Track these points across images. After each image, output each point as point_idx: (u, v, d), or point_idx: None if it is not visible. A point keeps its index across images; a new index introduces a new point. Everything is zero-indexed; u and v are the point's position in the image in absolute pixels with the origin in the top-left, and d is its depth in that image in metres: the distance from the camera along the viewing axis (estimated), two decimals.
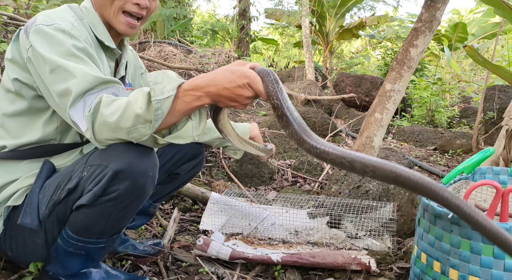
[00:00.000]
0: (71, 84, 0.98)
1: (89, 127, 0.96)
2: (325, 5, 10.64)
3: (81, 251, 1.13)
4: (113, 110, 0.93)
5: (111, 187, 1.02)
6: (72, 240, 1.10)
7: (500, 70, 2.80)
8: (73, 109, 0.98)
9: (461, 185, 1.61)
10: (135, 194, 1.05)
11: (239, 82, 0.92)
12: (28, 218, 1.08)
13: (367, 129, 2.73)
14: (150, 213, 1.59)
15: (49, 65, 1.01)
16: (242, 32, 9.54)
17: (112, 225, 1.10)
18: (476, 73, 11.17)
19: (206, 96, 0.93)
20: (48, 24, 1.05)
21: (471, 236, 1.14)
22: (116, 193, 1.02)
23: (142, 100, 0.92)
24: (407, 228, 2.00)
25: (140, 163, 1.01)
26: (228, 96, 0.93)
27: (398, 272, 1.56)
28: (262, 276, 1.54)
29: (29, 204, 1.09)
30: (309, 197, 2.20)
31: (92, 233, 1.10)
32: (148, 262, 1.55)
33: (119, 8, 1.16)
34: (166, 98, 0.91)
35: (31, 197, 1.10)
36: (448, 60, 7.44)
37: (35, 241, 1.13)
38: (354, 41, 15.16)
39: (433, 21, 2.61)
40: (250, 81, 0.92)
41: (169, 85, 0.92)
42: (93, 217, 1.06)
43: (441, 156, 4.31)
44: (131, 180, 1.02)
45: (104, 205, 1.04)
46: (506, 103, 4.43)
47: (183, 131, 0.97)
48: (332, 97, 6.40)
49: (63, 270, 1.17)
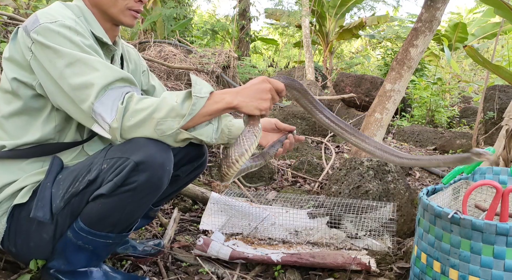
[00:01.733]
0: (93, 77, 1.02)
1: (119, 118, 1.01)
2: (325, 5, 10.65)
3: (89, 246, 1.14)
4: (147, 104, 1.02)
5: (132, 177, 1.05)
6: (83, 232, 1.12)
7: (500, 70, 2.80)
8: (99, 101, 1.01)
9: (461, 185, 1.61)
10: (153, 186, 1.09)
11: (258, 81, 1.11)
12: (40, 211, 1.09)
13: (367, 129, 2.73)
14: (151, 216, 1.59)
15: (67, 59, 1.03)
16: (242, 32, 9.54)
17: (125, 218, 1.13)
18: (476, 73, 11.17)
19: (233, 97, 1.07)
20: (51, 21, 1.06)
21: (471, 236, 1.14)
22: (135, 184, 1.06)
23: (180, 95, 1.04)
24: (407, 228, 2.00)
25: (159, 156, 1.06)
26: (253, 95, 1.09)
27: (398, 272, 1.56)
28: (262, 276, 1.54)
29: (41, 198, 1.10)
30: (309, 197, 2.20)
31: (105, 225, 1.12)
32: (148, 262, 1.55)
33: (125, 6, 1.21)
34: (202, 97, 1.04)
35: (43, 192, 1.11)
36: (448, 60, 7.44)
37: (42, 237, 1.14)
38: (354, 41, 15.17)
39: (433, 21, 2.61)
40: (267, 78, 1.12)
41: (206, 89, 1.06)
42: (109, 207, 1.09)
43: None
44: (150, 172, 1.06)
45: (122, 195, 1.07)
46: (506, 103, 4.43)
47: (204, 130, 1.09)
48: (332, 97, 6.40)
49: (67, 265, 1.17)
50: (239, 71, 6.46)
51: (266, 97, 1.10)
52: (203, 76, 4.62)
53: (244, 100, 1.08)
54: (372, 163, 2.18)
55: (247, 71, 7.19)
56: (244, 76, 6.86)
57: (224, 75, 4.99)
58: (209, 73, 4.70)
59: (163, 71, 4.50)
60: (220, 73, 4.85)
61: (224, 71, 5.19)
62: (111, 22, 1.25)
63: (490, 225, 1.10)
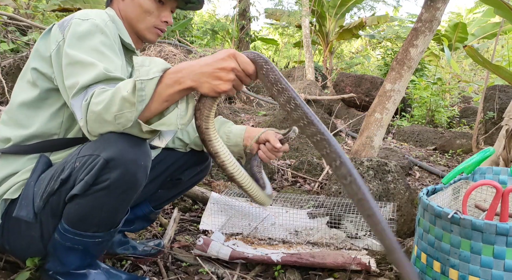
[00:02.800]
0: (81, 78, 1.02)
1: (83, 116, 0.98)
2: (325, 5, 10.65)
3: (79, 246, 1.12)
4: (103, 98, 0.94)
5: (103, 176, 1.02)
6: (68, 233, 1.10)
7: (500, 70, 2.80)
8: (75, 98, 1.01)
9: (461, 185, 1.61)
10: (127, 183, 1.05)
11: (222, 56, 0.92)
12: (23, 210, 1.09)
13: (367, 129, 2.73)
14: (151, 218, 1.59)
15: (69, 59, 1.05)
16: (242, 32, 9.54)
17: (106, 217, 1.10)
18: (476, 73, 11.17)
19: (187, 77, 0.92)
20: (84, 18, 1.12)
21: (471, 236, 1.14)
22: (107, 182, 1.02)
23: (130, 84, 0.92)
24: (407, 228, 2.00)
25: (131, 152, 1.02)
26: (210, 72, 0.92)
27: (398, 272, 1.56)
28: (262, 276, 1.54)
29: (24, 197, 1.10)
30: (309, 197, 2.20)
31: (88, 225, 1.10)
32: (148, 262, 1.55)
33: (152, 24, 1.30)
34: (150, 79, 0.91)
35: (27, 190, 1.11)
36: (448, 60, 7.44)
37: (31, 235, 1.13)
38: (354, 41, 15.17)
39: (433, 21, 2.61)
40: (234, 52, 0.93)
41: (155, 68, 0.93)
42: (86, 207, 1.06)
43: (441, 156, 4.31)
44: (122, 168, 1.02)
45: (96, 194, 1.04)
46: (506, 103, 4.43)
47: (167, 118, 0.95)
48: (332, 97, 6.40)
49: (62, 266, 1.17)
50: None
51: (227, 77, 0.92)
52: None
53: (200, 80, 0.92)
54: (372, 163, 2.18)
55: None
56: None
57: None
58: None
59: None
60: None
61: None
62: (136, 35, 1.32)
63: (490, 225, 1.10)
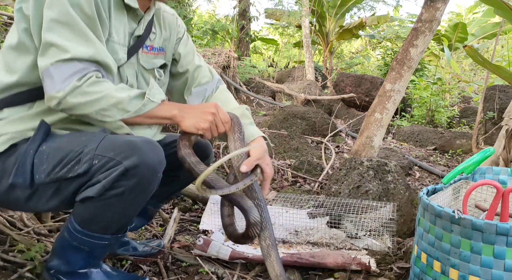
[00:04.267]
0: (70, 45, 1.02)
1: (67, 92, 1.01)
2: (325, 5, 10.65)
3: (85, 247, 1.14)
4: (98, 89, 1.04)
5: (120, 181, 1.05)
6: (78, 233, 1.12)
7: (500, 70, 2.80)
8: (58, 66, 1.01)
9: (461, 185, 1.61)
10: (141, 190, 1.09)
11: (207, 104, 1.20)
12: (20, 178, 1.07)
13: (367, 129, 2.73)
14: (150, 215, 1.59)
15: (56, 13, 1.02)
16: (242, 32, 9.54)
17: (117, 220, 1.13)
18: (476, 73, 11.17)
19: (177, 109, 1.15)
20: None
21: (471, 236, 1.14)
22: (123, 188, 1.06)
23: (134, 92, 1.09)
24: (407, 228, 2.00)
25: (152, 161, 1.07)
26: (196, 112, 1.16)
27: (398, 272, 1.56)
28: (262, 276, 1.54)
29: (21, 165, 1.08)
30: (309, 197, 2.20)
31: (98, 226, 1.12)
32: (148, 262, 1.55)
33: None
34: (153, 102, 1.11)
35: (25, 158, 1.08)
36: (448, 60, 7.44)
37: (15, 192, 1.10)
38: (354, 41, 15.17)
39: (433, 21, 2.61)
40: (216, 105, 1.19)
41: (159, 95, 1.14)
42: (98, 209, 1.09)
43: (441, 156, 4.31)
44: (140, 177, 1.06)
45: (110, 198, 1.07)
46: (506, 103, 4.43)
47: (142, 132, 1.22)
48: (332, 97, 6.40)
49: (66, 266, 1.17)
50: (239, 71, 6.46)
51: (207, 118, 1.15)
52: None
53: (185, 116, 1.14)
54: (372, 163, 2.18)
55: (247, 71, 7.19)
56: (244, 76, 6.86)
57: (224, 75, 4.99)
58: None
59: None
60: (220, 73, 4.85)
61: (224, 71, 5.19)
62: None
63: (490, 225, 1.10)
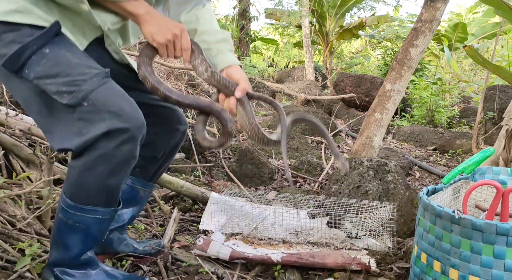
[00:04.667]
0: None
1: None
2: (325, 5, 10.64)
3: (81, 224, 1.16)
4: None
5: (101, 142, 1.07)
6: (70, 209, 1.14)
7: (500, 70, 2.80)
8: None
9: (461, 185, 1.61)
10: (123, 155, 1.10)
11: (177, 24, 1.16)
12: (10, 62, 1.06)
13: (367, 129, 2.73)
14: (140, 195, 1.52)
15: None
16: (242, 32, 9.54)
17: (102, 189, 1.13)
18: (476, 73, 11.17)
19: (145, 10, 1.12)
20: None
21: (471, 236, 1.14)
22: (104, 149, 1.07)
23: None
24: (407, 228, 2.00)
25: (133, 124, 1.08)
26: (159, 23, 1.13)
27: (398, 272, 1.56)
28: (262, 276, 1.54)
29: (19, 52, 1.06)
30: (309, 197, 2.20)
31: (85, 196, 1.13)
32: (148, 262, 1.55)
33: None
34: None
35: (25, 48, 1.06)
36: (448, 60, 7.44)
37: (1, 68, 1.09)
38: (354, 41, 15.16)
39: (433, 21, 2.61)
40: (184, 28, 1.17)
41: None
42: (82, 174, 1.10)
43: (441, 156, 4.32)
44: (121, 140, 1.07)
45: (92, 162, 1.09)
46: (506, 103, 4.43)
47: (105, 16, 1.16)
48: (332, 97, 6.40)
49: (66, 251, 1.18)
50: None
51: (166, 36, 1.13)
52: None
53: (149, 21, 1.13)
54: (372, 163, 2.18)
55: (247, 71, 7.19)
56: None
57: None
58: None
59: (163, 71, 4.50)
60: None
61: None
62: None
63: (491, 225, 1.10)
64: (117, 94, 1.11)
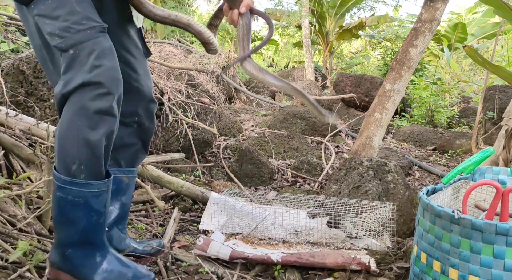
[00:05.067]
0: None
1: None
2: (325, 5, 10.64)
3: (79, 199, 1.16)
4: None
5: (77, 95, 1.10)
6: (65, 184, 1.15)
7: (499, 70, 2.80)
8: None
9: (461, 185, 1.61)
10: (100, 108, 1.12)
11: None
12: None
13: (367, 129, 2.73)
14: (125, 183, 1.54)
15: None
16: None
17: (83, 144, 1.14)
18: (476, 73, 11.17)
19: None
20: None
21: (471, 236, 1.14)
22: (80, 102, 1.10)
23: None
24: (406, 228, 2.00)
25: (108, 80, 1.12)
26: None
27: (398, 272, 1.57)
28: (262, 276, 1.54)
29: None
30: (309, 197, 2.20)
31: (74, 167, 1.15)
32: (148, 262, 1.55)
33: None
34: None
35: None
36: (448, 60, 7.44)
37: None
38: (354, 41, 15.15)
39: (432, 21, 2.61)
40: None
41: None
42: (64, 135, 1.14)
43: (441, 156, 4.32)
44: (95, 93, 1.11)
45: (70, 115, 1.12)
46: (506, 103, 4.43)
47: None
48: (332, 97, 6.40)
49: (72, 227, 1.19)
50: (239, 71, 6.46)
51: None
52: (203, 76, 4.62)
53: None
54: (372, 163, 2.19)
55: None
56: (244, 76, 6.86)
57: (224, 75, 4.99)
58: (209, 73, 4.70)
59: (163, 71, 4.50)
60: (220, 73, 4.86)
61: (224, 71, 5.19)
62: None
63: (490, 224, 1.10)
64: (104, 50, 1.13)
